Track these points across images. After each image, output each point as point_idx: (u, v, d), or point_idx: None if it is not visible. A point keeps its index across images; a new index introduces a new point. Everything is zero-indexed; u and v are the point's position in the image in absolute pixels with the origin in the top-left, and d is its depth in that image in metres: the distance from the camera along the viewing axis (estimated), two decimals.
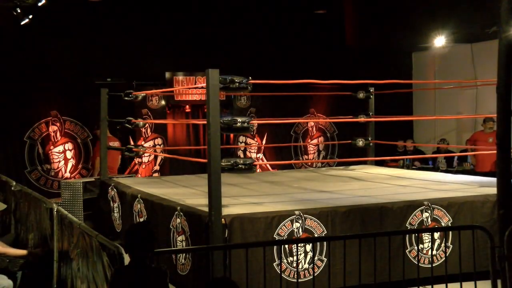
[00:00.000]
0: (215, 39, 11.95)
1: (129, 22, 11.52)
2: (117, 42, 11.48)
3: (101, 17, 11.34)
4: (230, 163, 5.34)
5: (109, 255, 4.15)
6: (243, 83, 5.44)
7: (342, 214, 5.62)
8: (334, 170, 9.59)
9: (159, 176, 10.95)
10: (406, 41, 12.06)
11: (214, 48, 11.83)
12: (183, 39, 11.80)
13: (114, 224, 7.83)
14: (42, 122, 10.98)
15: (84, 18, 11.22)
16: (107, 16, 11.38)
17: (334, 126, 12.81)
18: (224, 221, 5.18)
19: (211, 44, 11.91)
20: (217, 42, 11.93)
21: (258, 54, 12.19)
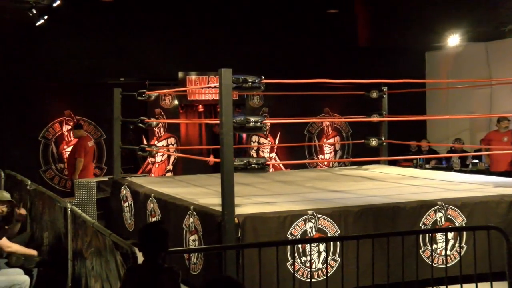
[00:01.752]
0: (228, 39, 11.97)
1: (143, 22, 11.57)
2: (131, 42, 11.53)
3: (115, 17, 11.39)
4: (243, 162, 5.34)
5: (123, 254, 4.17)
6: (256, 83, 5.44)
7: (355, 214, 5.61)
8: (347, 169, 9.56)
9: (172, 175, 10.98)
10: (419, 40, 12.01)
11: (227, 47, 11.85)
12: (196, 39, 11.83)
13: (125, 224, 7.86)
14: (56, 121, 11.05)
15: (97, 18, 11.28)
16: (121, 16, 11.43)
17: (349, 126, 12.78)
18: (237, 221, 5.18)
19: (224, 44, 11.92)
20: (230, 42, 11.95)
21: (271, 53, 12.19)
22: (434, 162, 11.44)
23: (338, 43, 12.68)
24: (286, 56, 12.27)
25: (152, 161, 11.25)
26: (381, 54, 12.59)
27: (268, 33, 12.24)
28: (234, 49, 11.81)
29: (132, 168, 10.75)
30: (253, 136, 11.92)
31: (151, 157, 10.85)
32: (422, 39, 11.89)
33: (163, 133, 11.42)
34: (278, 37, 12.31)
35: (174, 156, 11.31)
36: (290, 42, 12.39)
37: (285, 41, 12.37)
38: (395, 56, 12.65)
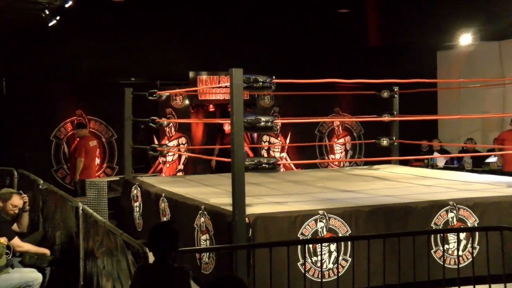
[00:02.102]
0: (239, 38, 11.98)
1: (153, 22, 11.60)
2: (141, 42, 11.57)
3: (126, 18, 11.44)
4: (253, 162, 5.34)
5: (134, 254, 4.18)
6: (267, 82, 5.43)
7: (366, 214, 5.59)
8: (358, 169, 9.54)
9: (183, 175, 11.00)
10: (431, 40, 11.95)
11: (238, 47, 11.86)
12: (207, 39, 11.85)
13: (135, 223, 7.88)
14: (67, 121, 11.11)
15: (109, 19, 11.32)
16: (132, 16, 11.47)
17: (360, 126, 12.76)
18: (248, 221, 5.18)
19: (235, 43, 11.94)
20: (241, 42, 11.96)
21: (282, 53, 12.19)
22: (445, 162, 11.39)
23: (349, 42, 12.66)
24: (297, 55, 12.26)
25: (163, 161, 11.28)
26: (392, 54, 12.55)
27: (279, 32, 12.24)
28: (245, 49, 11.82)
29: (143, 168, 10.78)
30: (264, 136, 11.91)
31: (162, 156, 10.88)
32: (433, 39, 11.83)
33: (174, 132, 11.44)
34: (288, 36, 12.31)
35: (185, 156, 11.33)
36: (301, 42, 12.38)
37: (296, 41, 12.36)
38: (406, 56, 12.61)
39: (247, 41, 11.96)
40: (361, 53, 12.63)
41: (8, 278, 5.66)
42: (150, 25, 11.57)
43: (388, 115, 8.97)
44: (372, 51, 12.62)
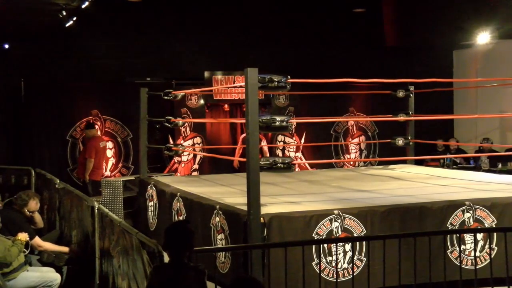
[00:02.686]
0: (254, 38, 11.98)
1: (169, 22, 11.64)
2: (157, 42, 11.61)
3: (141, 18, 11.48)
4: (268, 162, 5.34)
5: (149, 253, 4.20)
6: (282, 82, 5.44)
7: (381, 214, 5.57)
8: (373, 169, 9.51)
9: (198, 174, 11.03)
10: (447, 39, 11.87)
11: (253, 47, 11.86)
12: (222, 39, 11.86)
13: (148, 223, 7.92)
14: (83, 121, 11.16)
15: (124, 19, 11.37)
16: (147, 17, 11.51)
17: (375, 126, 12.71)
18: (263, 220, 5.18)
19: (250, 43, 11.94)
20: (256, 42, 11.96)
21: (297, 53, 12.17)
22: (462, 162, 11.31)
23: (365, 42, 12.61)
24: (312, 55, 12.23)
25: (178, 161, 11.31)
26: (408, 53, 12.48)
27: (294, 32, 12.22)
28: (260, 48, 11.82)
29: (158, 167, 10.82)
30: (279, 136, 11.91)
31: (177, 156, 10.89)
32: (450, 38, 11.74)
33: (189, 132, 11.46)
34: (304, 36, 12.29)
35: (200, 156, 11.36)
36: (316, 41, 12.35)
37: (311, 40, 12.34)
38: (422, 55, 12.54)
39: (262, 41, 11.96)
40: (377, 52, 12.58)
41: (28, 276, 5.73)
42: (165, 25, 11.61)
43: (403, 114, 8.93)
44: (387, 51, 12.57)
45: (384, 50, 12.57)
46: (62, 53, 11.14)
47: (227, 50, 11.85)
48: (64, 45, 11.14)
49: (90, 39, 11.21)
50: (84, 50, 11.25)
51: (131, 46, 11.48)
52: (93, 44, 11.27)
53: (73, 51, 11.21)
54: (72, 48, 11.21)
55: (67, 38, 10.96)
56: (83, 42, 11.19)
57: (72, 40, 11.04)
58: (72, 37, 10.92)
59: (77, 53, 11.22)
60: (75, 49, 11.22)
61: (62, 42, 11.08)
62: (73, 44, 11.17)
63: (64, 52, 11.15)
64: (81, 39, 11.11)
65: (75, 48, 11.22)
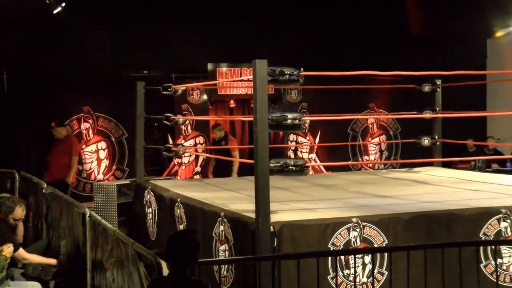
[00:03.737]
0: (263, 27, 11.97)
1: (167, 9, 11.65)
2: (155, 31, 11.63)
3: (137, 5, 11.50)
4: (279, 164, 5.34)
5: (146, 265, 4.20)
6: (294, 75, 5.42)
7: (405, 222, 5.56)
8: (396, 172, 9.49)
9: (200, 178, 11.04)
10: (480, 26, 11.82)
11: (262, 37, 11.85)
12: (227, 27, 11.86)
13: (148, 231, 7.93)
14: (73, 118, 11.21)
15: (119, 6, 11.40)
16: (143, 4, 11.53)
17: (397, 124, 12.69)
18: (273, 229, 5.17)
19: (258, 32, 11.94)
20: (265, 31, 11.95)
21: (310, 43, 12.16)
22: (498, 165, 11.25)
23: (386, 30, 12.59)
24: (327, 45, 12.23)
25: (178, 162, 11.33)
26: (435, 43, 12.46)
27: (307, 20, 12.20)
28: (270, 38, 11.81)
29: (156, 170, 10.84)
30: (291, 135, 11.91)
31: (177, 157, 10.93)
32: (483, 25, 11.70)
33: (190, 131, 11.48)
34: (317, 25, 12.27)
35: (203, 157, 11.37)
36: (331, 30, 12.34)
37: (325, 29, 12.33)
38: (451, 45, 12.50)
39: (272, 30, 11.95)
40: (400, 42, 12.56)
41: None
42: (164, 13, 11.62)
43: (429, 111, 8.90)
44: (412, 40, 12.54)
45: (408, 39, 12.54)
46: (50, 43, 11.17)
47: (233, 40, 11.85)
48: (52, 35, 11.16)
49: (80, 29, 11.24)
50: (74, 40, 11.28)
51: (127, 36, 11.50)
52: (84, 34, 11.30)
53: (62, 41, 11.24)
54: (61, 38, 11.24)
55: (56, 27, 10.99)
56: (73, 31, 11.23)
57: (61, 29, 11.07)
58: (61, 26, 10.96)
59: (67, 44, 11.25)
60: (64, 39, 11.25)
61: (50, 31, 11.11)
62: (62, 34, 11.20)
63: (52, 42, 11.18)
64: (71, 29, 11.15)
65: (64, 38, 11.25)
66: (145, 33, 11.58)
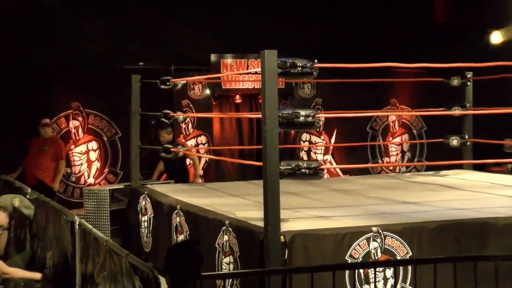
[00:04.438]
0: (272, 14, 11.97)
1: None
2: (152, 18, 11.63)
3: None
4: (290, 167, 5.33)
5: (143, 279, 4.20)
6: (307, 67, 5.42)
7: (431, 232, 5.55)
8: (420, 176, 9.48)
9: (203, 182, 11.04)
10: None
11: (271, 25, 11.84)
12: (232, 14, 11.85)
13: (142, 242, 7.94)
14: (61, 116, 11.23)
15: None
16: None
17: (422, 121, 12.67)
18: (284, 239, 5.17)
19: (267, 20, 11.94)
20: (275, 18, 11.95)
21: (326, 32, 12.14)
22: None
23: (410, 17, 12.56)
24: (343, 34, 12.20)
25: None
26: (465, 31, 12.41)
27: (321, 6, 12.19)
28: (280, 26, 11.81)
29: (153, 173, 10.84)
30: (304, 134, 11.90)
31: None
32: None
33: (191, 130, 11.49)
34: (333, 11, 12.26)
35: (206, 159, 11.37)
36: (348, 18, 12.33)
37: (342, 16, 12.31)
38: (482, 34, 12.46)
39: (282, 17, 11.95)
40: (426, 30, 12.53)
41: None
42: None
43: (459, 107, 8.88)
44: (439, 28, 12.51)
45: (435, 28, 12.51)
46: (36, 32, 11.19)
47: (240, 28, 11.84)
48: (39, 23, 11.18)
49: (70, 17, 11.26)
50: (63, 29, 11.30)
51: (120, 24, 11.51)
52: (73, 22, 11.30)
53: (48, 30, 11.25)
54: (49, 27, 11.25)
55: (43, 15, 11.00)
56: (60, 19, 11.24)
57: (48, 17, 11.08)
58: (47, 13, 10.97)
59: (53, 33, 11.26)
60: (50, 27, 11.27)
61: (36, 19, 11.12)
62: (48, 22, 11.21)
63: (39, 31, 11.20)
64: (59, 16, 11.16)
65: (50, 26, 11.26)
66: (141, 20, 11.59)
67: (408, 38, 12.41)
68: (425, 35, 12.50)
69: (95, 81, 11.35)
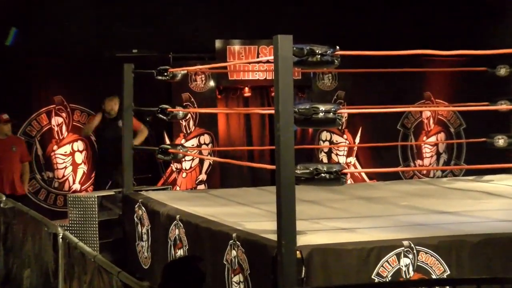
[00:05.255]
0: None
1: None
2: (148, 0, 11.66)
3: None
4: (308, 171, 5.33)
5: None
6: (327, 55, 5.42)
7: (473, 246, 5.53)
8: (460, 181, 9.48)
9: (206, 188, 11.05)
10: None
11: (285, 6, 11.85)
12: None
13: (140, 258, 7.94)
14: (42, 112, 11.24)
15: None
16: None
17: (460, 118, 12.65)
18: (300, 255, 5.17)
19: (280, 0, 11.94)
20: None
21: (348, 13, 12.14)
22: None
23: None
24: (369, 17, 12.19)
25: (177, 168, 11.35)
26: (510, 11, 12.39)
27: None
28: (295, 7, 11.81)
29: (149, 179, 10.86)
30: (323, 133, 11.90)
31: (176, 162, 10.94)
32: None
33: (193, 128, 11.50)
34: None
35: (209, 161, 11.38)
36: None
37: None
38: None
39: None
40: (465, 11, 12.49)
41: None
42: None
43: (506, 102, 8.86)
44: (480, 10, 12.48)
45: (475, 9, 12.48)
46: (13, 15, 11.21)
47: (248, 10, 11.85)
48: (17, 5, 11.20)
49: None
50: (45, 11, 11.32)
51: (111, 5, 11.52)
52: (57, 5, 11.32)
53: (30, 13, 11.27)
54: (29, 10, 11.27)
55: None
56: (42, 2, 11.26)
57: None
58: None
59: (32, 13, 11.27)
60: (33, 10, 11.29)
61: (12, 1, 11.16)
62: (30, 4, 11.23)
63: (16, 13, 11.22)
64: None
65: (32, 9, 11.28)
66: (136, 3, 11.60)
67: (445, 21, 12.38)
68: (465, 16, 12.47)
69: (81, 71, 11.36)
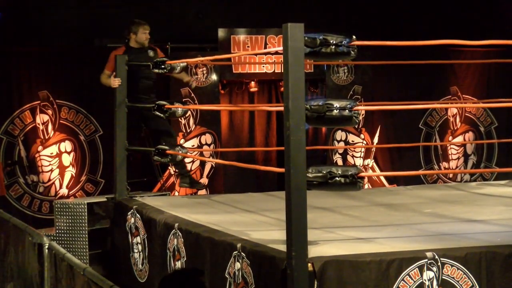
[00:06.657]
0: None
1: None
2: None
3: None
4: (321, 174, 5.34)
5: None
6: (343, 46, 5.42)
7: (505, 259, 5.53)
8: (490, 186, 9.47)
9: (207, 194, 11.06)
10: None
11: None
12: None
13: (135, 271, 7.95)
14: (25, 109, 11.26)
15: None
16: None
17: (491, 115, 12.64)
18: (312, 267, 5.18)
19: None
20: None
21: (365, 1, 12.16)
22: None
23: None
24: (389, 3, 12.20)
25: (175, 172, 11.36)
26: None
27: None
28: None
29: (144, 183, 10.87)
30: (338, 132, 11.91)
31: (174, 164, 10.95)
32: None
33: (193, 126, 11.51)
34: None
35: (211, 164, 11.39)
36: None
37: None
38: None
39: None
40: None
41: None
42: None
43: None
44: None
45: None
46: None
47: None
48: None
49: None
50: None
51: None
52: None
53: None
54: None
55: None
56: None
57: None
58: None
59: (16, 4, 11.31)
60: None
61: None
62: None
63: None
64: None
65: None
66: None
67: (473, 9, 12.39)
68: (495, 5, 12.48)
69: (69, 63, 11.37)
